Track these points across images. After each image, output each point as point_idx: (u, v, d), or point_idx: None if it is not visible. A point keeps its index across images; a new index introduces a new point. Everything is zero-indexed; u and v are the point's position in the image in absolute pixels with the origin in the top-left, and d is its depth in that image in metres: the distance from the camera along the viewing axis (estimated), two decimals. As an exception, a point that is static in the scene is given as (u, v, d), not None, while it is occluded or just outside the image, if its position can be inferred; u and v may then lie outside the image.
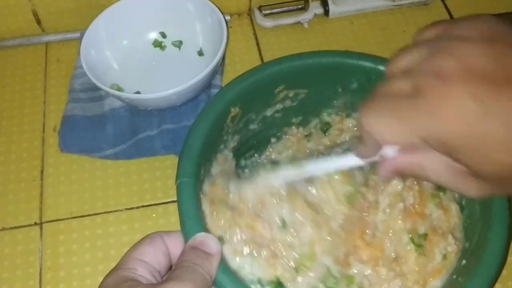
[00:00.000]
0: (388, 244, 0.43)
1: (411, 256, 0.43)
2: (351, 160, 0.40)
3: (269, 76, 0.49)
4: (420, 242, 0.43)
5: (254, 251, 0.41)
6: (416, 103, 0.29)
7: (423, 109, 0.29)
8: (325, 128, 0.53)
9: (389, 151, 0.34)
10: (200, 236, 0.38)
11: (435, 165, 0.33)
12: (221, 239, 0.42)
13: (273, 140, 0.53)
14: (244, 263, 0.41)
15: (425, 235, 0.44)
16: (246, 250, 0.41)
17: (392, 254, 0.43)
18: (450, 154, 0.30)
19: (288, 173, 0.44)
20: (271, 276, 0.41)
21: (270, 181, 0.44)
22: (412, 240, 0.43)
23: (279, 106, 0.51)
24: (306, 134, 0.53)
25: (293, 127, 0.53)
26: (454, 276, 0.41)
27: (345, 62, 0.49)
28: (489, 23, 0.30)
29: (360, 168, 0.43)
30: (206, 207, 0.43)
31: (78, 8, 0.63)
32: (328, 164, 0.43)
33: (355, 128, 0.52)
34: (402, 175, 0.37)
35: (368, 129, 0.32)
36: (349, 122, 0.52)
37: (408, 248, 0.43)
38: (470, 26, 0.30)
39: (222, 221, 0.42)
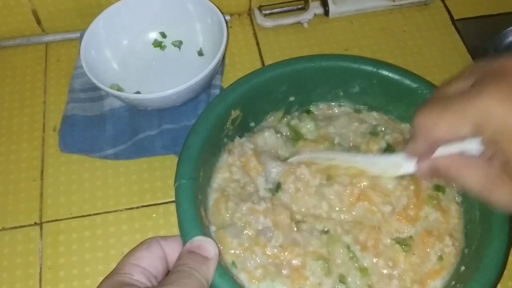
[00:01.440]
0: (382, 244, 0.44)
1: (399, 256, 0.43)
2: (402, 164, 0.41)
3: (271, 79, 0.49)
4: (406, 241, 0.43)
5: (272, 273, 0.42)
6: (473, 93, 0.32)
7: (480, 96, 0.31)
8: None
9: (471, 145, 0.34)
10: (198, 239, 0.38)
11: (473, 169, 0.35)
12: (234, 265, 0.42)
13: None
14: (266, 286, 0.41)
15: (410, 236, 0.44)
16: (262, 273, 0.42)
17: (386, 250, 0.43)
18: (497, 142, 0.31)
19: (331, 157, 0.46)
20: None
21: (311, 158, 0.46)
22: (396, 240, 0.43)
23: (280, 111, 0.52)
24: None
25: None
26: (453, 283, 0.41)
27: (347, 66, 0.49)
28: None
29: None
30: (215, 236, 0.43)
31: (78, 8, 0.63)
32: (375, 161, 0.45)
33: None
34: (437, 175, 0.38)
35: (419, 123, 0.35)
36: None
37: (395, 248, 0.43)
38: None
39: (232, 249, 0.42)
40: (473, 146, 0.34)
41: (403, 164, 0.41)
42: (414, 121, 0.36)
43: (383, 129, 0.50)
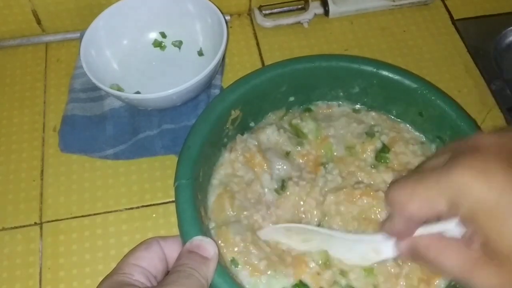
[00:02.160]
0: None
1: None
2: (381, 247, 0.38)
3: (271, 79, 0.49)
4: None
5: (275, 263, 0.42)
6: (446, 169, 0.30)
7: (454, 171, 0.30)
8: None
9: (451, 225, 0.33)
10: (197, 239, 0.38)
11: (452, 251, 0.33)
12: (234, 263, 0.42)
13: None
14: (267, 279, 0.41)
15: None
16: (266, 265, 0.42)
17: None
18: (473, 220, 0.30)
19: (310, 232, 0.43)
20: (295, 280, 0.41)
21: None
22: None
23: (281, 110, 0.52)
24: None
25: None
26: (453, 283, 0.41)
27: (347, 66, 0.49)
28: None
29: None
30: (214, 233, 0.43)
31: (78, 8, 0.63)
32: (354, 242, 0.41)
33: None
34: (416, 256, 0.36)
35: (392, 199, 0.33)
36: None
37: None
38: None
39: (234, 245, 0.42)
40: (452, 226, 0.32)
41: (383, 247, 0.38)
42: (387, 197, 0.34)
43: (379, 129, 0.49)
